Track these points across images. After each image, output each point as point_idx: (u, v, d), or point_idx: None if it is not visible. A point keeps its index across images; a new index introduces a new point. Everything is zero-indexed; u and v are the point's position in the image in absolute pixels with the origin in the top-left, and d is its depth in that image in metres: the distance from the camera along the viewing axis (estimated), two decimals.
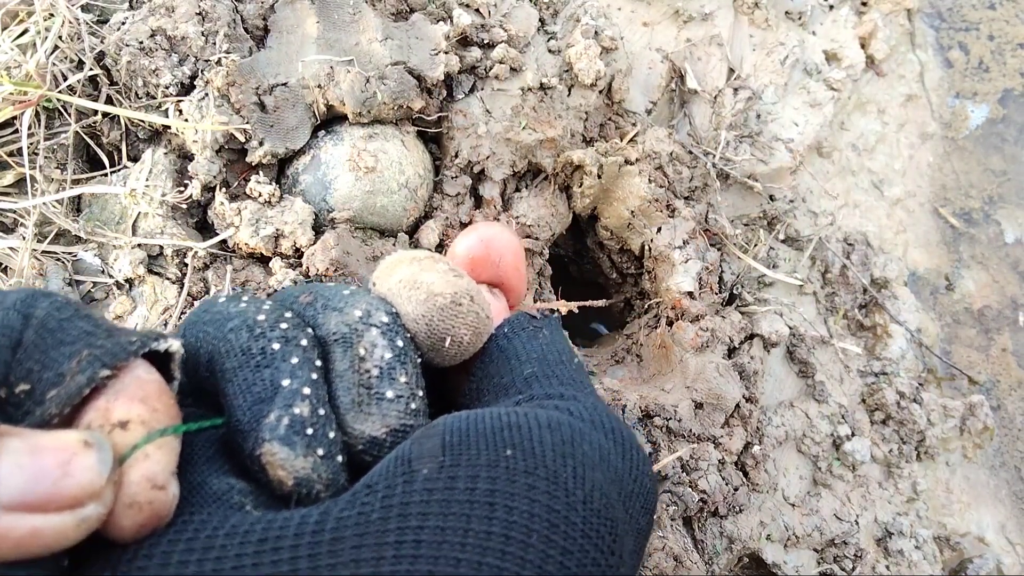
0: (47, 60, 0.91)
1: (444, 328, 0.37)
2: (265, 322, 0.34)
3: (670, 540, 0.89)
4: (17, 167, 0.91)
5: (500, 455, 0.29)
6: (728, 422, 1.01)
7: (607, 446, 0.32)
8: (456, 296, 0.37)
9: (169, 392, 0.30)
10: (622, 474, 0.32)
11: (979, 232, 1.44)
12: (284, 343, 0.33)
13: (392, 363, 0.35)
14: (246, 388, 0.32)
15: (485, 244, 0.44)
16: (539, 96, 1.10)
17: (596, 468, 0.30)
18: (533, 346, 0.40)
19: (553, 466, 0.29)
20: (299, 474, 0.30)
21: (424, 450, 0.30)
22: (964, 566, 1.15)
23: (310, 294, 0.37)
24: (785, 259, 1.25)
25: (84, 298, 0.92)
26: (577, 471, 0.29)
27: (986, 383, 1.32)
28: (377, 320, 0.35)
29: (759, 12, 1.33)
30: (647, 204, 1.11)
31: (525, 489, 0.28)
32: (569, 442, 0.30)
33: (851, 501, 1.09)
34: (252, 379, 0.32)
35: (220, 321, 0.34)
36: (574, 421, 0.32)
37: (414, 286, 0.37)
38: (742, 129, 1.24)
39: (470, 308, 0.38)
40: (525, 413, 0.32)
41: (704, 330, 1.04)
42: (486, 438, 0.30)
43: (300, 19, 0.99)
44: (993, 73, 1.57)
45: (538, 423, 0.31)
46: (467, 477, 0.28)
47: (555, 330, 0.42)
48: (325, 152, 0.95)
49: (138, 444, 0.27)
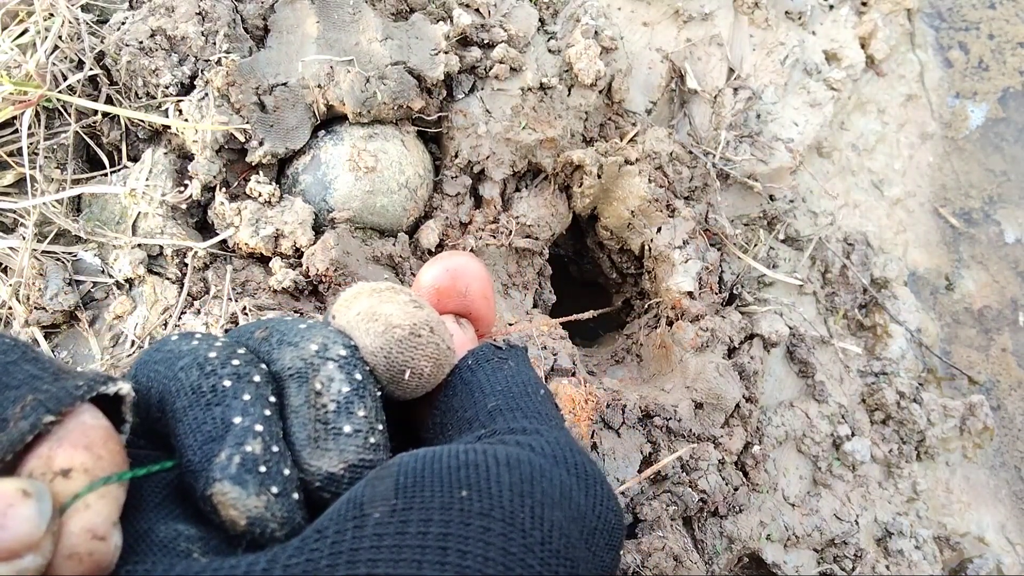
0: (47, 60, 0.91)
1: (403, 360, 0.36)
2: (216, 359, 0.33)
3: (670, 540, 0.89)
4: (17, 167, 0.91)
5: (455, 496, 0.28)
6: (728, 422, 1.01)
7: (569, 482, 0.31)
8: (415, 327, 0.37)
9: (116, 438, 0.29)
10: (585, 511, 0.31)
11: (979, 232, 1.44)
12: (236, 380, 0.32)
13: (350, 397, 0.34)
14: (196, 427, 0.31)
15: (451, 274, 0.43)
16: (539, 96, 1.10)
17: (556, 507, 0.30)
18: (498, 378, 0.39)
19: (510, 507, 0.28)
20: (252, 513, 0.30)
21: (376, 493, 0.29)
22: (964, 566, 1.15)
23: (265, 329, 0.36)
24: (785, 259, 1.25)
25: (84, 298, 0.92)
26: (535, 511, 0.28)
27: (986, 383, 1.32)
28: (334, 354, 0.35)
29: (759, 12, 1.33)
30: (647, 204, 1.11)
31: (480, 532, 0.27)
32: (528, 480, 0.29)
33: (851, 501, 1.09)
34: (203, 418, 0.31)
35: (171, 360, 0.33)
36: (535, 457, 0.31)
37: (372, 318, 0.37)
38: (742, 129, 1.24)
39: (430, 339, 0.37)
40: (484, 451, 0.31)
41: (704, 330, 1.04)
42: (441, 479, 0.29)
43: (300, 19, 0.99)
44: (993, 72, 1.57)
45: (496, 461, 0.30)
46: (419, 521, 0.27)
47: (521, 361, 0.42)
48: (325, 152, 0.95)
49: (80, 493, 0.26)
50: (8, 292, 0.88)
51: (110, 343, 0.90)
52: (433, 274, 0.43)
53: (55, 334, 0.91)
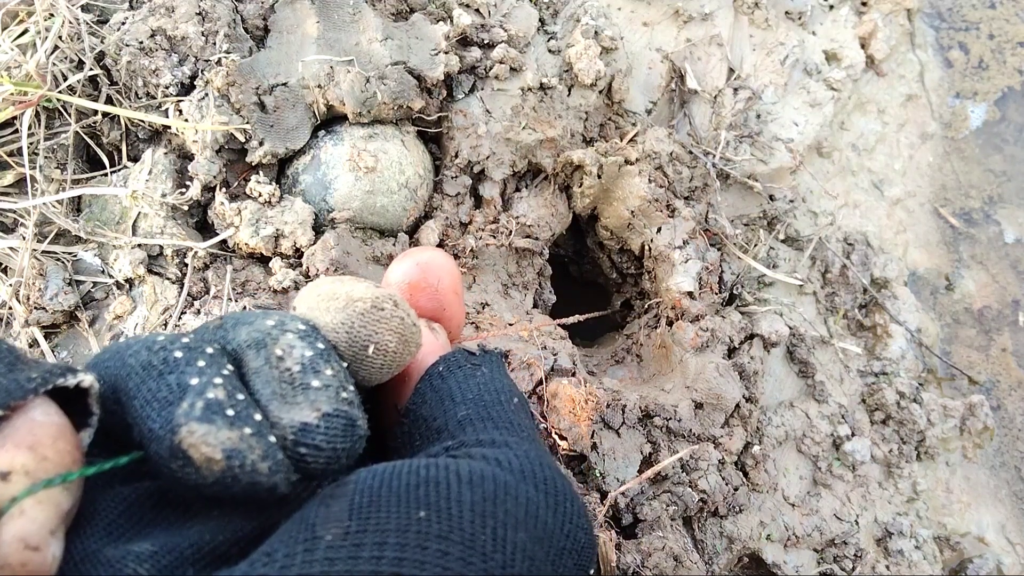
0: (47, 60, 0.91)
1: (366, 335, 0.35)
2: (164, 340, 0.31)
3: (670, 540, 0.89)
4: (17, 167, 0.91)
5: (412, 518, 0.27)
6: (728, 422, 1.01)
7: (536, 500, 0.30)
8: (377, 300, 0.35)
9: (69, 437, 0.27)
10: (552, 530, 0.30)
11: (979, 232, 1.44)
12: (187, 351, 0.30)
13: (314, 359, 0.32)
14: (152, 397, 0.29)
15: (421, 268, 0.42)
16: (539, 96, 1.10)
17: (520, 527, 0.28)
18: (470, 385, 0.38)
19: (470, 528, 0.27)
20: (226, 445, 0.28)
21: (330, 513, 0.27)
22: (964, 566, 1.15)
23: (219, 319, 0.35)
24: (785, 259, 1.25)
25: (84, 298, 0.92)
26: (497, 532, 0.27)
27: (986, 383, 1.32)
28: (293, 327, 0.33)
29: (759, 12, 1.33)
30: (647, 204, 1.11)
31: (437, 556, 0.26)
32: (491, 499, 0.28)
33: (851, 501, 1.09)
34: (157, 387, 0.29)
35: (119, 351, 0.32)
36: (500, 474, 0.30)
37: (332, 296, 0.35)
38: (742, 129, 1.24)
39: (393, 313, 0.35)
40: (446, 466, 0.29)
41: (704, 330, 1.04)
42: (399, 497, 0.28)
43: (300, 19, 0.99)
44: (992, 72, 1.57)
45: (458, 478, 0.29)
46: (374, 544, 0.26)
47: (495, 367, 0.40)
48: (325, 152, 0.95)
49: (17, 497, 0.24)
50: (8, 292, 0.88)
51: (110, 343, 0.90)
52: (403, 269, 0.42)
53: (55, 334, 0.91)
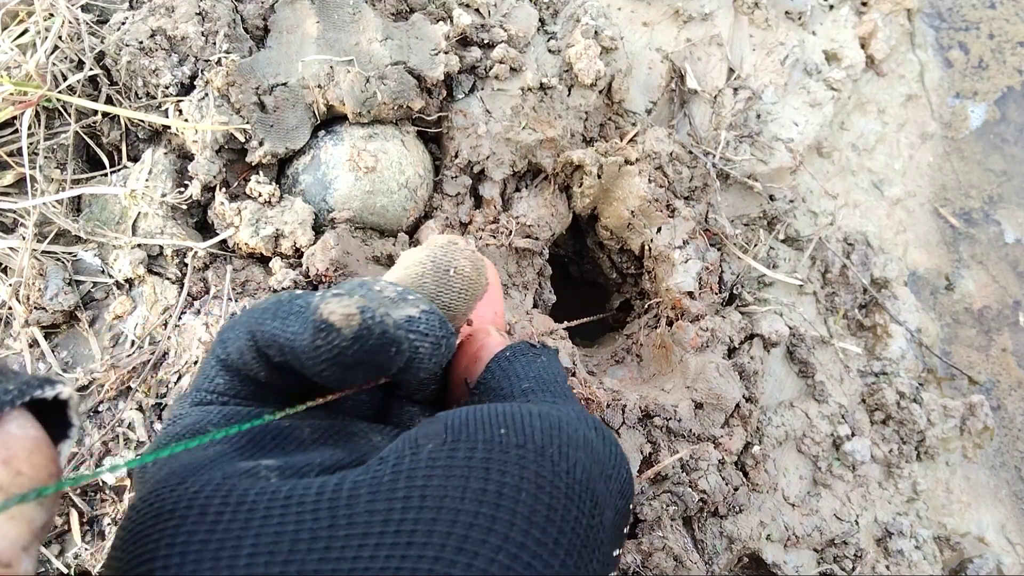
0: (47, 60, 0.91)
1: (447, 261, 0.44)
2: (291, 293, 0.39)
3: (670, 540, 0.89)
4: (17, 167, 0.91)
5: (495, 433, 0.33)
6: (728, 422, 1.01)
7: (591, 436, 0.36)
8: (452, 240, 0.45)
9: (46, 450, 0.27)
10: (603, 459, 0.36)
11: (979, 232, 1.44)
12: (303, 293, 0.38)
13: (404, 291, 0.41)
14: (289, 312, 0.36)
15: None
16: (539, 96, 1.10)
17: (579, 449, 0.34)
18: (532, 367, 0.45)
19: (541, 442, 0.33)
20: (359, 304, 0.35)
21: (429, 431, 0.33)
22: (964, 566, 1.15)
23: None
24: (785, 259, 1.25)
25: (84, 298, 0.92)
26: (562, 448, 0.33)
27: (986, 383, 1.32)
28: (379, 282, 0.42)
29: (759, 12, 1.33)
30: (647, 204, 1.11)
31: (516, 458, 0.31)
32: (556, 427, 0.34)
33: (851, 501, 1.09)
34: (290, 307, 0.37)
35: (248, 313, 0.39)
36: (563, 414, 0.36)
37: (419, 249, 0.45)
38: (742, 129, 1.24)
39: (465, 247, 0.45)
40: (519, 405, 0.36)
41: (704, 330, 1.04)
42: (483, 421, 0.34)
43: (300, 19, 0.99)
44: (992, 72, 1.57)
45: (529, 412, 0.35)
46: (466, 448, 0.32)
47: (552, 358, 0.48)
48: (325, 152, 0.95)
49: None
50: (8, 292, 0.88)
51: (110, 343, 0.90)
52: None
53: (55, 334, 0.91)
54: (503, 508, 0.29)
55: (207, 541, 0.28)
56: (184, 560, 0.28)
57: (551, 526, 0.30)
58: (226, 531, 0.28)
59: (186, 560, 0.28)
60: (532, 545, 0.29)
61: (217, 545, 0.28)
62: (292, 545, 0.28)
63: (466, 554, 0.28)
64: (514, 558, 0.28)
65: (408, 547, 0.28)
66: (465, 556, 0.28)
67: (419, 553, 0.28)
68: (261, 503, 0.29)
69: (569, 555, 0.30)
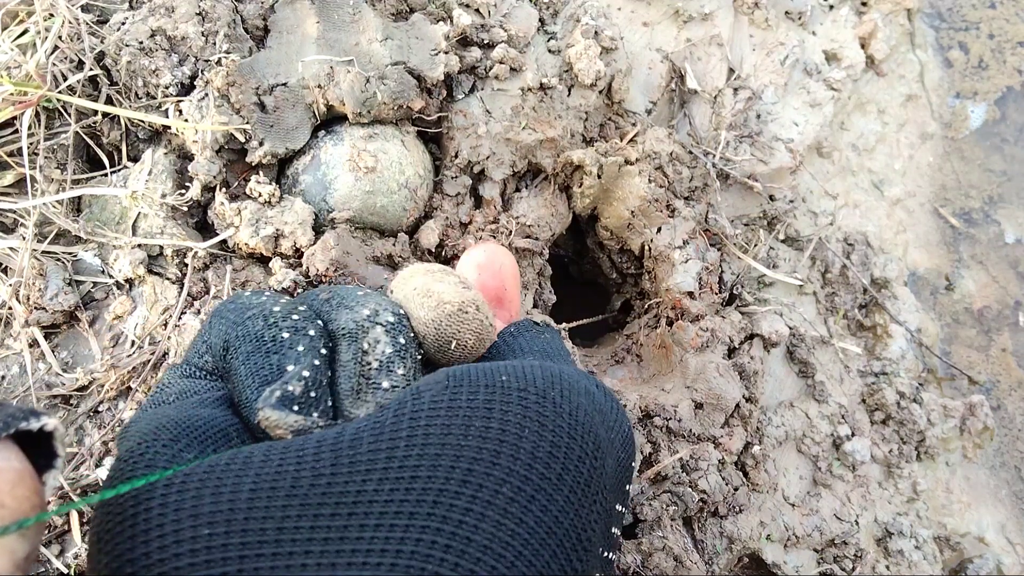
0: (47, 60, 0.91)
1: (451, 332, 0.42)
2: (279, 312, 0.38)
3: (670, 540, 0.89)
4: (17, 167, 0.91)
5: (497, 379, 0.33)
6: (728, 422, 1.01)
7: (593, 389, 0.37)
8: (463, 305, 0.42)
9: (29, 482, 0.27)
10: (605, 409, 0.37)
11: (979, 232, 1.44)
12: (293, 332, 0.37)
13: (392, 357, 0.39)
14: (256, 371, 0.36)
15: (488, 254, 0.51)
16: (539, 96, 1.10)
17: (581, 395, 0.34)
18: (536, 342, 0.45)
19: (543, 387, 0.33)
20: (294, 427, 0.34)
21: (431, 380, 0.34)
22: (964, 566, 1.15)
23: (328, 292, 0.42)
24: (785, 259, 1.25)
25: (84, 298, 0.92)
26: (564, 393, 0.34)
27: (986, 383, 1.32)
28: (383, 319, 0.40)
29: (759, 12, 1.33)
30: (647, 204, 1.11)
31: (518, 399, 0.32)
32: (558, 376, 0.35)
33: (851, 501, 1.09)
34: (262, 363, 0.36)
35: (241, 310, 0.39)
36: (564, 369, 0.36)
37: (427, 294, 0.43)
38: (742, 129, 1.24)
39: (475, 316, 0.43)
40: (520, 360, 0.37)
41: (704, 330, 1.04)
42: (485, 370, 0.34)
43: (300, 19, 0.99)
44: (992, 71, 1.57)
45: (531, 364, 0.35)
46: (469, 393, 0.32)
47: (555, 335, 0.48)
48: (325, 152, 0.95)
49: None
50: (8, 292, 0.88)
51: (110, 343, 0.90)
52: (474, 253, 0.52)
53: (55, 334, 0.91)
54: (507, 444, 0.30)
55: (206, 479, 0.28)
56: (183, 497, 0.28)
57: (554, 462, 0.30)
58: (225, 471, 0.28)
59: (185, 496, 0.28)
60: (536, 479, 0.29)
61: (217, 482, 0.28)
62: (294, 482, 0.28)
63: (470, 486, 0.28)
64: (518, 490, 0.29)
65: (413, 480, 0.28)
66: (470, 488, 0.28)
67: (424, 486, 0.28)
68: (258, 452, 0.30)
69: (573, 492, 0.30)
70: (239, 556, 0.26)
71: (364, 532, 0.27)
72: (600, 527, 0.32)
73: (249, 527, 0.27)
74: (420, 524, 0.27)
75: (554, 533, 0.29)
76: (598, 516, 0.32)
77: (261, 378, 0.36)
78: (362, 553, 0.26)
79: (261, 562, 0.26)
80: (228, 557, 0.26)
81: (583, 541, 0.30)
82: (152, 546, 0.26)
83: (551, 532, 0.29)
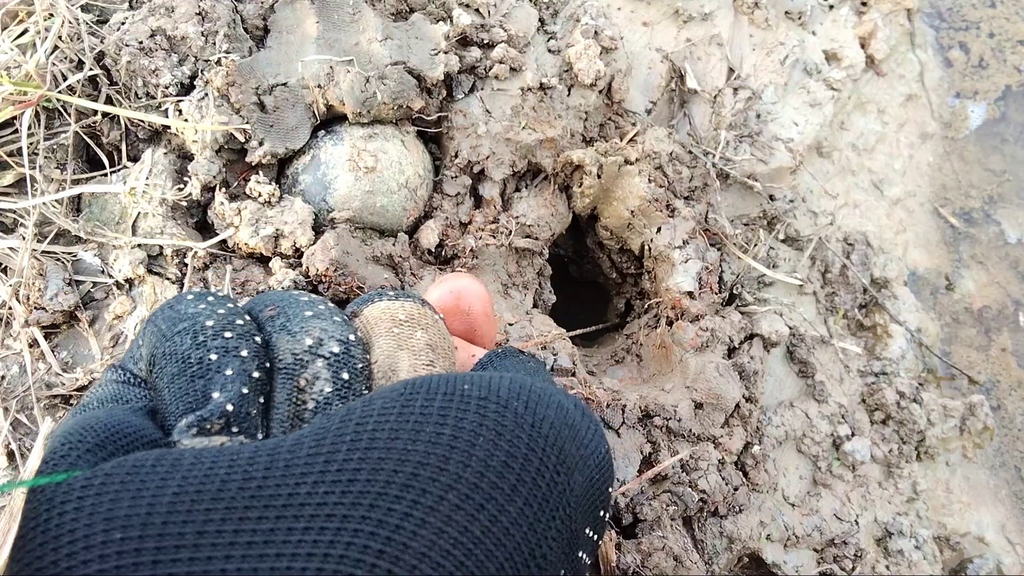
0: (47, 60, 0.91)
1: None
2: (210, 329, 0.35)
3: (670, 540, 0.89)
4: (17, 167, 0.91)
5: (458, 388, 0.31)
6: (728, 422, 1.01)
7: (568, 406, 0.34)
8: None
9: None
10: (577, 427, 0.33)
11: (979, 232, 1.44)
12: (223, 354, 0.34)
13: (330, 398, 0.36)
14: (180, 395, 0.34)
15: (455, 295, 0.46)
16: (539, 96, 1.10)
17: (549, 408, 0.32)
18: (521, 368, 0.42)
19: (506, 396, 0.31)
20: None
21: (387, 388, 0.32)
22: (964, 566, 1.15)
23: (275, 308, 0.38)
24: (785, 259, 1.25)
25: (84, 298, 0.92)
26: (529, 404, 0.31)
27: (986, 383, 1.32)
28: (326, 351, 0.36)
29: (759, 12, 1.33)
30: (647, 204, 1.11)
31: (477, 407, 0.30)
32: (526, 388, 0.32)
33: (851, 501, 1.09)
34: (186, 388, 0.34)
35: (172, 322, 0.36)
36: (538, 384, 0.34)
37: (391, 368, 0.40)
38: (742, 129, 1.24)
39: None
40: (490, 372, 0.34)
41: (704, 330, 1.04)
42: (447, 379, 0.32)
43: (300, 19, 0.99)
44: (992, 71, 1.57)
45: (500, 376, 0.33)
46: (425, 399, 0.30)
47: (541, 365, 0.45)
48: (325, 152, 0.95)
49: None
50: (8, 292, 0.88)
51: (110, 343, 0.90)
52: (438, 295, 0.47)
53: (55, 334, 0.91)
54: (457, 450, 0.28)
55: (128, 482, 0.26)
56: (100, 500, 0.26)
57: (509, 472, 0.28)
58: (151, 472, 0.27)
59: (102, 500, 0.26)
60: (486, 487, 0.28)
61: (140, 485, 0.26)
62: (222, 485, 0.26)
63: (413, 490, 0.26)
64: (465, 498, 0.27)
65: (351, 483, 0.26)
66: (412, 492, 0.26)
67: (362, 489, 0.26)
68: (190, 454, 0.28)
69: (528, 505, 0.28)
70: (152, 561, 0.24)
71: (291, 535, 0.25)
72: (560, 546, 0.30)
73: (167, 531, 0.25)
74: (353, 527, 0.25)
75: (502, 545, 0.27)
76: (557, 534, 0.30)
77: (185, 404, 0.33)
78: (287, 557, 0.24)
79: (176, 567, 0.24)
80: (140, 562, 0.24)
81: (536, 558, 0.28)
82: (61, 553, 0.25)
83: (499, 544, 0.27)
